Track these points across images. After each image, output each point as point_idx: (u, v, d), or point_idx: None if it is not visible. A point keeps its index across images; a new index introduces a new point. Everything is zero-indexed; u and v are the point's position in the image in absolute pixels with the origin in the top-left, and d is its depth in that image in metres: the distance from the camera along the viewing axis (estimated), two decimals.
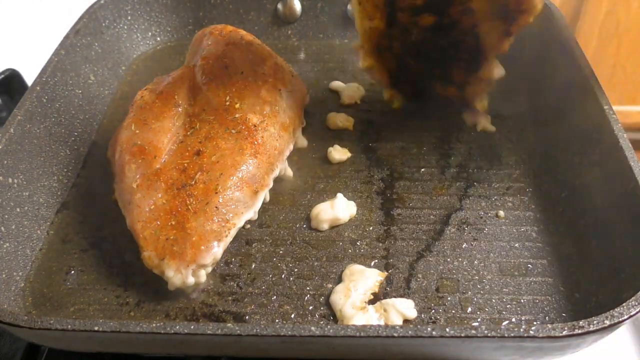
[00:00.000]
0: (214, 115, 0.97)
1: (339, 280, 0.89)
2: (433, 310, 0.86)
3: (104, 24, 1.28)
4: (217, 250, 0.87)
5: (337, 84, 1.26)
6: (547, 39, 1.20)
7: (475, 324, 0.84)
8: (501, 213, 0.99)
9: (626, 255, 0.83)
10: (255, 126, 0.96)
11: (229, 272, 0.91)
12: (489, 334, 0.68)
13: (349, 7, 1.37)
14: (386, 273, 0.90)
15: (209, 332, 0.69)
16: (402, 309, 0.85)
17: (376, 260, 0.92)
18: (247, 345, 0.73)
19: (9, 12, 1.42)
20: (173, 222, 0.86)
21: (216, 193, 0.88)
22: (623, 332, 0.91)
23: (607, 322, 0.69)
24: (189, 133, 0.96)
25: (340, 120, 1.15)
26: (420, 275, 0.90)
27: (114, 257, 0.94)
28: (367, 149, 1.11)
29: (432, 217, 0.99)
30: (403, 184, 1.04)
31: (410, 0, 1.00)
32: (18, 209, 0.93)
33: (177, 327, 0.69)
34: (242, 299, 0.87)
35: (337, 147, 1.09)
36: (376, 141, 1.13)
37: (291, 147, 1.03)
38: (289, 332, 0.69)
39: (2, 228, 0.89)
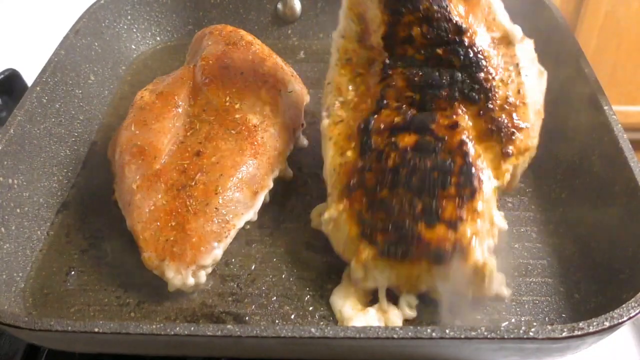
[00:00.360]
0: (214, 115, 0.97)
1: (339, 280, 0.89)
2: (433, 311, 0.86)
3: (104, 24, 1.28)
4: (217, 251, 0.87)
5: None
6: (547, 39, 1.20)
7: (475, 324, 0.84)
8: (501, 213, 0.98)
9: (626, 255, 0.83)
10: (255, 127, 0.96)
11: (229, 272, 0.91)
12: (489, 336, 0.68)
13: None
14: None
15: (208, 333, 0.69)
16: (402, 309, 0.85)
17: None
18: (247, 347, 0.73)
19: (9, 12, 1.41)
20: (173, 223, 0.86)
21: (216, 194, 0.88)
22: (623, 333, 0.91)
23: (607, 324, 0.69)
24: (189, 134, 0.96)
25: None
26: None
27: (114, 257, 0.94)
28: None
29: None
30: None
31: (388, 119, 0.86)
32: (18, 210, 0.93)
33: (177, 329, 0.69)
34: (242, 300, 0.88)
35: None
36: None
37: (291, 147, 1.03)
38: (289, 334, 0.69)
39: (3, 229, 0.89)
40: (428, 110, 0.85)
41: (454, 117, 0.84)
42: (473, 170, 0.81)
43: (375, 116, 0.87)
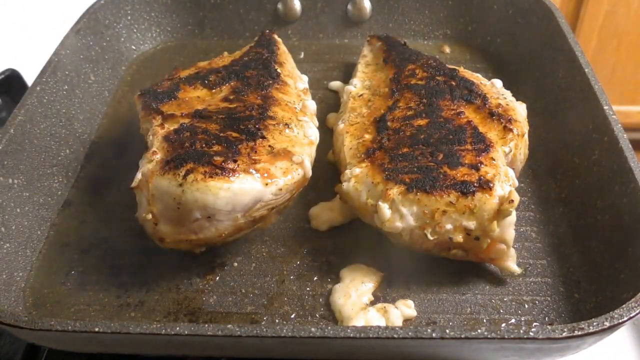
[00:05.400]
0: None
1: (339, 280, 0.89)
2: (433, 311, 0.86)
3: (104, 24, 1.28)
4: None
5: (337, 84, 1.26)
6: (547, 39, 1.20)
7: (475, 324, 0.84)
8: None
9: (626, 255, 0.83)
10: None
11: (229, 272, 0.91)
12: (489, 336, 0.68)
13: (349, 7, 1.37)
14: (386, 273, 0.90)
15: (209, 333, 0.69)
16: (402, 309, 0.85)
17: (376, 260, 0.92)
18: (247, 347, 0.73)
19: (9, 12, 1.41)
20: None
21: None
22: (623, 333, 0.91)
23: (607, 324, 0.69)
24: None
25: None
26: (420, 276, 0.90)
27: (114, 257, 0.94)
28: None
29: None
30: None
31: (402, 113, 0.98)
32: (18, 210, 0.93)
33: (178, 329, 0.69)
34: (242, 300, 0.88)
35: None
36: None
37: None
38: (289, 334, 0.69)
39: (3, 229, 0.89)
40: (435, 110, 0.97)
41: (458, 109, 0.97)
42: (482, 135, 0.91)
43: (390, 112, 0.98)
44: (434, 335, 0.68)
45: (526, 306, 0.86)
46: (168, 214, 0.83)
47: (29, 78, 1.24)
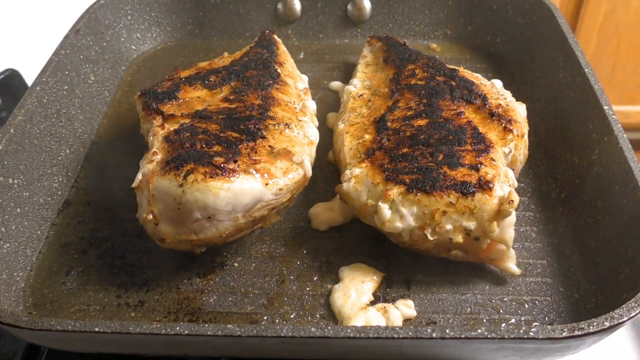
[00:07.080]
0: None
1: (339, 280, 0.89)
2: (433, 311, 0.86)
3: (104, 24, 1.28)
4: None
5: (337, 84, 1.26)
6: (547, 39, 1.20)
7: (475, 324, 0.84)
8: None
9: (626, 255, 0.83)
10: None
11: (229, 272, 0.91)
12: (489, 336, 0.68)
13: (349, 7, 1.37)
14: (386, 273, 0.90)
15: (209, 333, 0.69)
16: (402, 308, 0.85)
17: (376, 260, 0.92)
18: (247, 347, 0.73)
19: (9, 12, 1.41)
20: None
21: None
22: (622, 333, 0.91)
23: (607, 324, 0.69)
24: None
25: None
26: (420, 276, 0.90)
27: (114, 257, 0.94)
28: None
29: None
30: None
31: (402, 113, 0.98)
32: (18, 210, 0.93)
33: (178, 328, 0.70)
34: (242, 300, 0.88)
35: None
36: None
37: None
38: (289, 333, 0.69)
39: (3, 228, 0.90)
40: (435, 110, 0.98)
41: (458, 110, 0.97)
42: (482, 135, 0.91)
43: (390, 112, 0.98)
44: (434, 335, 0.68)
45: (526, 306, 0.86)
46: (168, 215, 0.83)
47: (29, 78, 1.24)
